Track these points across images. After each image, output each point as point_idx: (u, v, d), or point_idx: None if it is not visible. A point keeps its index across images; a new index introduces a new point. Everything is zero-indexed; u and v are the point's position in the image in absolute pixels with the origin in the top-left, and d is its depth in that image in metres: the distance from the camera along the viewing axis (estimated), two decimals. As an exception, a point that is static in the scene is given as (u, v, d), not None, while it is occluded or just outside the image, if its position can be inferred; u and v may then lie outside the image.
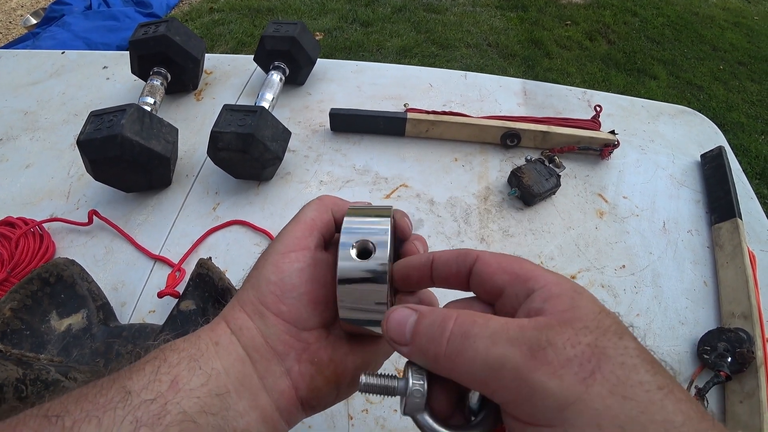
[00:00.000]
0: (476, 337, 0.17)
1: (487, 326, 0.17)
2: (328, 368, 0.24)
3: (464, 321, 0.18)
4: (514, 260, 0.21)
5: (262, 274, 0.24)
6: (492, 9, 2.61)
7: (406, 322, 0.19)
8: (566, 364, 0.16)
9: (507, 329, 0.17)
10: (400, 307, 0.20)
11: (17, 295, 0.43)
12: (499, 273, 0.20)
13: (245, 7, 2.42)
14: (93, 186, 0.58)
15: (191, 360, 0.21)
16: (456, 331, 0.18)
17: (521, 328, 0.17)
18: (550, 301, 0.18)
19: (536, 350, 0.16)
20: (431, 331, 0.19)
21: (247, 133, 0.51)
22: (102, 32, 2.07)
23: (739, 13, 2.94)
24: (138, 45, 0.63)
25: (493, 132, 0.62)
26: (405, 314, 0.20)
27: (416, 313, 0.20)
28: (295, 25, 0.66)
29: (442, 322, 0.18)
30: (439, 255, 0.23)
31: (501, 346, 0.17)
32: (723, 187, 0.59)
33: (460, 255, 0.22)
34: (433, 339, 0.18)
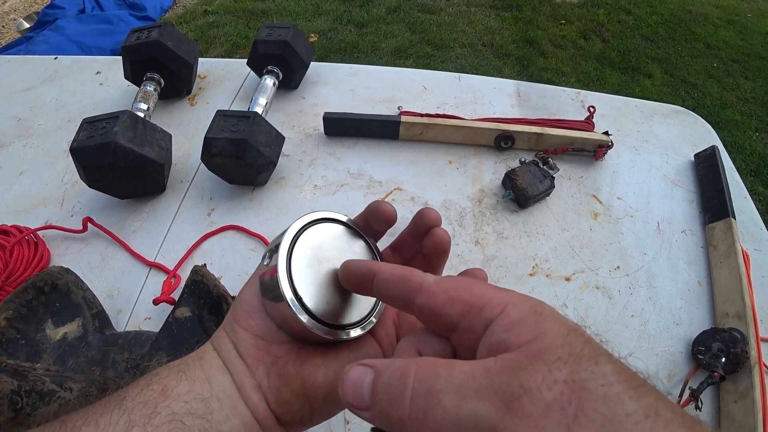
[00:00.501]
0: (441, 394, 0.15)
1: (452, 378, 0.15)
2: (295, 381, 0.23)
3: (425, 375, 0.16)
4: (461, 286, 0.18)
5: (238, 296, 0.26)
6: (486, 9, 2.61)
7: (363, 382, 0.17)
8: (546, 413, 0.14)
9: (474, 378, 0.15)
10: (355, 366, 0.18)
11: (12, 304, 0.43)
12: (448, 305, 0.18)
13: (240, 10, 2.42)
14: (87, 193, 0.58)
15: (179, 372, 0.23)
16: (418, 389, 0.16)
17: (488, 374, 0.15)
18: (512, 330, 0.16)
19: (510, 401, 0.14)
20: (390, 390, 0.16)
21: (241, 138, 0.51)
22: (96, 36, 2.06)
23: (732, 10, 2.95)
24: (131, 50, 0.62)
25: (487, 134, 0.62)
26: (360, 373, 0.17)
27: (372, 371, 0.17)
28: (288, 29, 0.66)
29: (400, 379, 0.16)
30: (380, 269, 0.21)
31: (471, 401, 0.15)
32: (716, 187, 0.59)
33: (402, 278, 0.20)
34: (394, 400, 0.16)
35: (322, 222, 0.25)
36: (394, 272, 0.20)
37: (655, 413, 0.14)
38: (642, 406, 0.14)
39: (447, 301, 0.18)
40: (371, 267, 0.21)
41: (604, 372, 0.14)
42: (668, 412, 0.14)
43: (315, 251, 0.24)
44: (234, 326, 0.25)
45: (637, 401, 0.14)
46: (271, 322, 0.24)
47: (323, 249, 0.24)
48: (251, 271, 0.27)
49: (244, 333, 0.24)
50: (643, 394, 0.14)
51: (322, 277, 0.24)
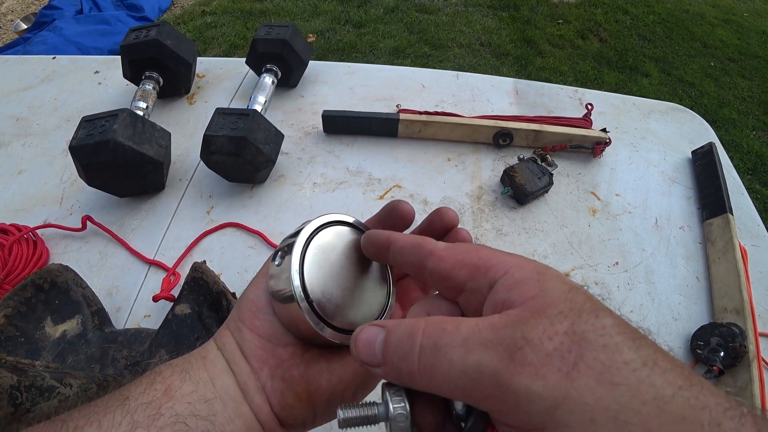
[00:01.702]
0: (448, 347, 0.16)
1: (458, 332, 0.16)
2: (299, 385, 0.23)
3: (432, 331, 0.17)
4: (470, 250, 0.19)
5: (244, 296, 0.26)
6: (484, 9, 2.62)
7: (375, 340, 0.18)
8: (547, 361, 0.14)
9: (479, 332, 0.16)
10: (367, 326, 0.19)
11: (11, 302, 0.43)
12: (457, 268, 0.19)
13: (237, 10, 2.42)
14: (86, 191, 0.58)
15: (182, 371, 0.23)
16: (426, 344, 0.16)
17: (493, 327, 0.16)
18: (515, 288, 0.17)
19: (513, 351, 0.15)
20: (400, 347, 0.17)
21: (240, 136, 0.51)
22: (94, 36, 2.06)
23: (728, 10, 2.97)
24: (129, 49, 0.62)
25: (486, 131, 0.62)
26: (372, 333, 0.18)
27: (383, 330, 0.18)
28: (286, 28, 0.66)
29: (410, 336, 0.17)
30: (396, 239, 0.22)
31: (476, 353, 0.15)
32: (714, 183, 0.60)
33: (415, 246, 0.21)
34: (404, 355, 0.17)
35: (334, 225, 0.25)
36: (408, 240, 0.21)
37: (653, 363, 0.14)
38: (640, 356, 0.14)
39: (455, 264, 0.19)
40: (389, 236, 0.23)
41: (604, 324, 0.15)
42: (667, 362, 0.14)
43: (327, 254, 0.24)
44: (239, 326, 0.24)
45: (636, 351, 0.14)
46: (278, 323, 0.24)
47: (335, 252, 0.24)
48: (251, 268, 0.27)
49: (249, 333, 0.24)
50: (642, 346, 0.15)
51: (332, 281, 0.23)
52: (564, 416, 0.14)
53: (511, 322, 0.16)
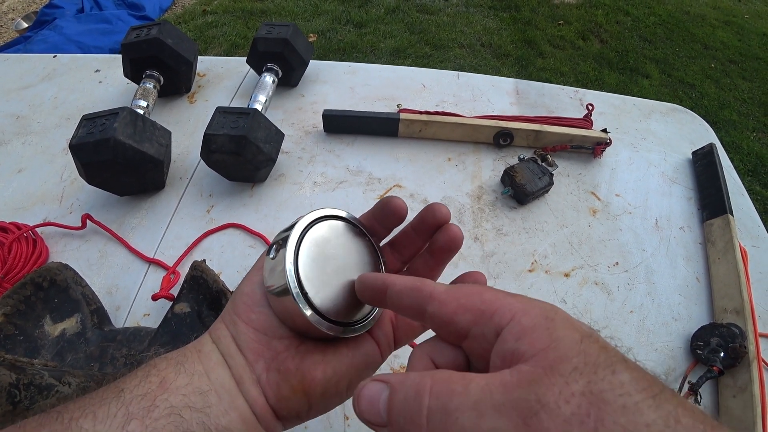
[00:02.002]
0: (458, 411, 0.15)
1: (468, 394, 0.15)
2: (294, 378, 0.23)
3: (441, 392, 0.16)
4: (472, 293, 0.18)
5: (239, 288, 0.26)
6: (485, 9, 2.62)
7: (379, 398, 0.17)
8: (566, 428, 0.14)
9: (491, 394, 0.15)
10: (370, 382, 0.18)
11: (10, 300, 0.43)
12: (459, 312, 0.18)
13: (238, 10, 2.42)
14: (86, 190, 0.58)
15: (177, 364, 0.23)
16: (434, 407, 0.16)
17: (505, 388, 0.15)
18: (524, 338, 0.16)
19: (529, 417, 0.14)
20: (407, 408, 0.16)
21: (240, 135, 0.51)
22: (94, 35, 2.06)
23: (729, 11, 2.97)
24: (130, 48, 0.62)
25: (486, 131, 0.62)
26: (376, 390, 0.17)
27: (388, 387, 0.17)
28: (287, 27, 0.66)
29: (416, 397, 0.16)
30: (392, 282, 0.21)
31: (489, 418, 0.15)
32: (714, 184, 0.60)
33: (413, 289, 0.20)
34: (411, 418, 0.16)
35: (328, 219, 0.26)
36: (406, 284, 0.20)
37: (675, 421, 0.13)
38: (662, 415, 0.14)
39: (457, 309, 0.18)
40: (384, 280, 0.21)
41: (622, 381, 0.14)
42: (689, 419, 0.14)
43: (321, 248, 0.24)
44: (234, 319, 0.25)
45: (656, 410, 0.14)
46: (273, 316, 0.24)
47: (329, 246, 0.25)
48: (250, 268, 0.27)
49: (244, 326, 0.24)
50: (663, 402, 0.14)
51: (326, 274, 0.24)
52: None
53: (524, 381, 0.15)
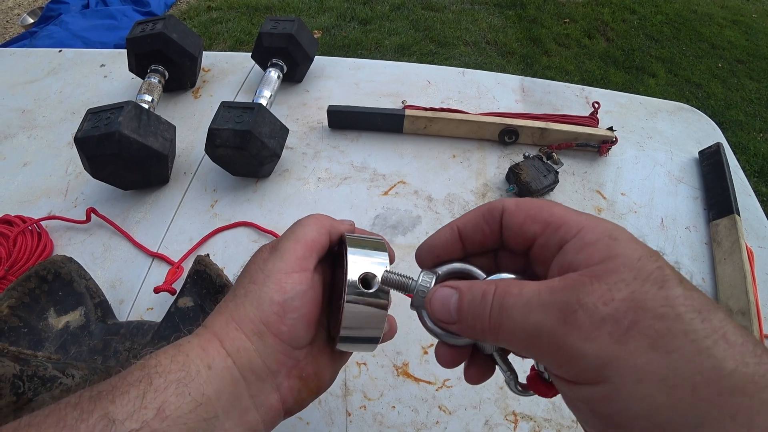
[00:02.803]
0: (512, 308, 0.18)
1: (521, 295, 0.18)
2: (312, 381, 0.25)
3: (501, 293, 0.18)
4: (542, 206, 0.20)
5: (264, 293, 0.23)
6: (490, 7, 2.61)
7: (449, 301, 0.20)
8: (599, 325, 0.15)
9: (539, 295, 0.17)
10: (441, 287, 0.21)
11: (15, 292, 0.43)
12: (528, 222, 0.20)
13: (243, 6, 2.42)
14: (91, 184, 0.58)
15: (179, 384, 0.20)
16: (495, 305, 0.18)
17: (552, 291, 0.17)
18: (583, 251, 0.17)
19: (567, 314, 0.16)
20: (473, 308, 0.19)
21: (245, 130, 0.51)
22: (100, 31, 2.06)
23: (737, 11, 2.94)
24: (135, 43, 0.62)
25: (491, 129, 0.62)
26: (447, 294, 0.20)
27: (457, 292, 0.20)
28: (292, 22, 0.65)
29: (482, 298, 0.19)
30: (463, 222, 0.23)
31: (535, 314, 0.17)
32: (721, 184, 0.59)
33: (486, 214, 0.22)
34: (477, 315, 0.19)
35: None
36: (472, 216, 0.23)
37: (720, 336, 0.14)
38: (705, 327, 0.14)
39: (526, 219, 0.20)
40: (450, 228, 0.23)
41: (668, 295, 0.15)
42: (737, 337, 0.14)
43: None
44: (262, 330, 0.23)
45: (701, 323, 0.14)
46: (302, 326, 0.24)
47: None
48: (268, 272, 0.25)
49: (273, 339, 0.23)
50: (709, 319, 0.15)
51: None
52: (611, 374, 0.15)
53: (569, 286, 0.16)
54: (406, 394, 0.42)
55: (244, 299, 0.23)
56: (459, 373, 0.44)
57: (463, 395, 0.42)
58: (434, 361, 0.43)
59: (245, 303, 0.23)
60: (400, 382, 0.43)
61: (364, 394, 0.42)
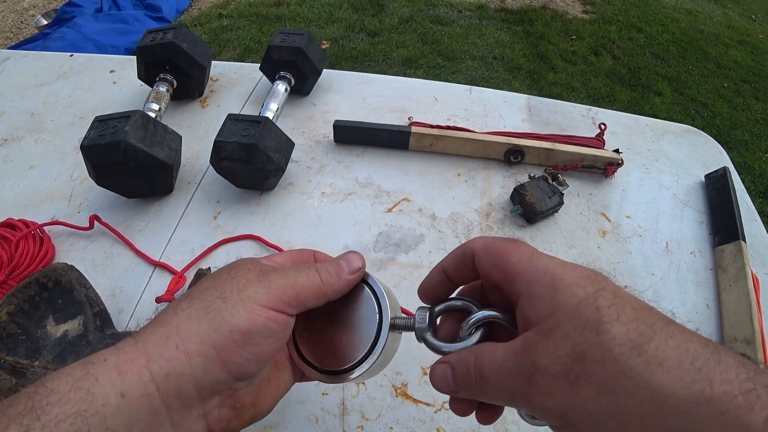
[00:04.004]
0: (489, 378, 0.21)
1: (494, 363, 0.21)
2: (248, 411, 0.24)
3: (479, 365, 0.21)
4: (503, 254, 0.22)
5: (231, 316, 0.21)
6: (498, 22, 2.63)
7: (446, 375, 0.23)
8: (553, 383, 0.18)
9: (506, 361, 0.20)
10: (436, 365, 0.24)
11: (15, 299, 0.43)
12: (492, 270, 0.23)
13: (253, 14, 2.44)
14: (95, 190, 0.58)
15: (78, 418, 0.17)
16: (476, 375, 0.21)
17: (515, 356, 0.20)
18: (533, 306, 0.20)
19: (528, 376, 0.19)
20: (463, 379, 0.22)
21: (251, 143, 0.51)
22: (111, 35, 2.09)
23: (743, 31, 2.96)
24: (145, 51, 0.63)
25: (497, 148, 0.62)
26: (442, 370, 0.23)
27: (449, 367, 0.23)
28: (302, 36, 0.66)
29: (467, 370, 0.22)
30: (447, 264, 0.26)
31: (506, 381, 0.20)
32: (727, 209, 0.59)
33: (460, 256, 0.25)
34: (467, 384, 0.22)
35: None
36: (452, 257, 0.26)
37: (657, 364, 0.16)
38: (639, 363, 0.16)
39: (490, 267, 0.23)
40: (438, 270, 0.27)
41: (603, 340, 0.17)
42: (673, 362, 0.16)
43: None
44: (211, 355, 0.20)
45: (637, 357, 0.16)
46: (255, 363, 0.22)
47: None
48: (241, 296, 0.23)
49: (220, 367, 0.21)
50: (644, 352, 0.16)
51: None
52: (573, 420, 0.18)
53: (526, 349, 0.19)
54: (404, 415, 0.42)
55: (203, 315, 0.21)
56: (458, 396, 0.44)
57: (461, 418, 0.42)
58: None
59: (203, 319, 0.21)
60: (399, 402, 0.42)
61: (361, 414, 0.42)
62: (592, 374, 0.17)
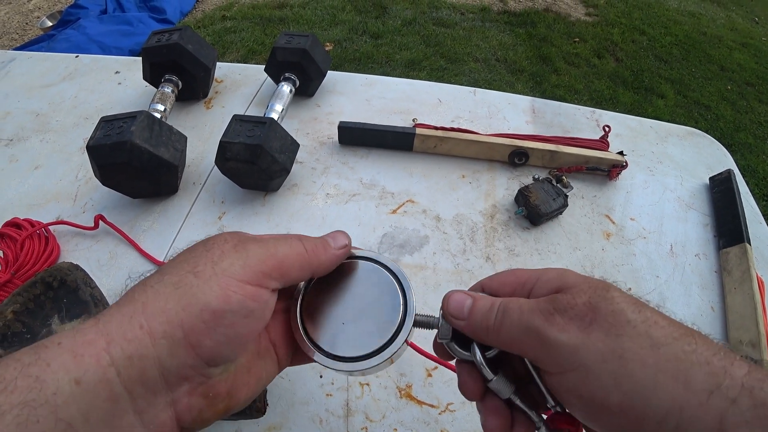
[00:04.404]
0: (512, 311, 0.23)
1: (518, 303, 0.23)
2: (221, 401, 0.21)
3: (504, 304, 0.24)
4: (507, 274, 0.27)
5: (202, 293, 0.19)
6: (501, 24, 2.63)
7: (464, 303, 0.25)
8: (569, 322, 0.21)
9: (528, 304, 0.23)
10: (457, 292, 0.26)
11: (20, 297, 0.43)
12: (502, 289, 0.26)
13: (257, 16, 2.45)
14: (100, 190, 0.58)
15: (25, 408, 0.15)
16: (500, 308, 0.24)
17: (537, 303, 0.23)
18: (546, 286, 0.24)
19: (548, 316, 0.21)
20: (483, 311, 0.24)
21: (256, 144, 0.51)
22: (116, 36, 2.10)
23: (747, 33, 2.95)
24: (151, 52, 0.63)
25: (502, 150, 0.62)
26: (463, 297, 0.25)
27: (471, 298, 0.25)
28: (306, 38, 0.66)
29: (491, 306, 0.24)
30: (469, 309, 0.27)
31: (527, 315, 0.22)
32: (731, 212, 0.59)
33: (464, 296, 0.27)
34: (485, 316, 0.24)
35: None
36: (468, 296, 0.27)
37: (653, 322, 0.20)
38: (641, 317, 0.20)
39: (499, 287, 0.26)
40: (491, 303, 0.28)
41: (613, 296, 0.21)
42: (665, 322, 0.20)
43: None
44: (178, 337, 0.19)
45: (637, 314, 0.20)
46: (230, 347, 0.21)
47: None
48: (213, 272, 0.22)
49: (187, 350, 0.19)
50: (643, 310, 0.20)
51: None
52: (582, 356, 0.20)
53: (547, 299, 0.22)
54: (408, 417, 0.42)
55: (172, 290, 0.19)
56: (462, 398, 0.44)
57: (465, 419, 0.42)
58: (438, 384, 0.43)
59: (171, 295, 0.19)
60: (403, 404, 0.42)
61: (366, 415, 0.42)
62: (604, 320, 0.20)
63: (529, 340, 0.22)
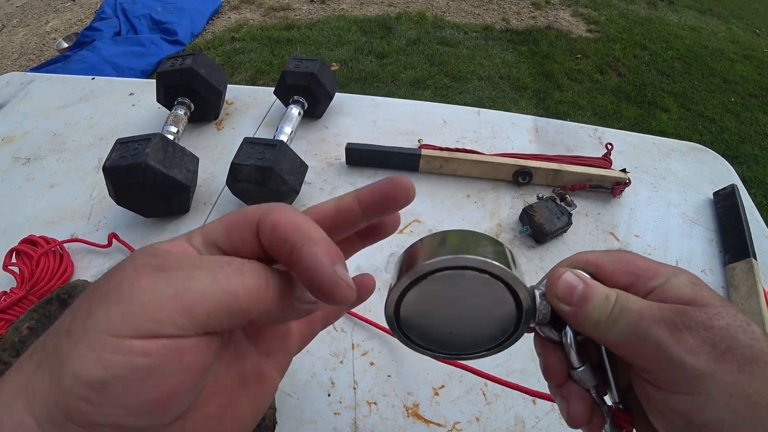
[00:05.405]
0: (630, 312, 0.21)
1: (639, 305, 0.21)
2: None
3: (622, 298, 0.22)
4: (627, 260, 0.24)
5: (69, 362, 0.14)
6: (504, 42, 2.67)
7: (576, 288, 0.23)
8: (701, 345, 0.19)
9: (650, 309, 0.20)
10: (570, 272, 0.23)
11: (35, 314, 0.44)
12: (617, 274, 0.23)
13: (265, 38, 2.51)
14: (114, 209, 0.60)
15: None
16: (618, 304, 0.21)
17: (660, 309, 0.20)
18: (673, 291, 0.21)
19: (674, 329, 0.19)
20: (597, 302, 0.22)
21: (266, 166, 0.52)
22: (129, 57, 2.16)
23: (748, 46, 2.97)
24: (165, 76, 0.66)
25: (506, 169, 0.63)
26: (575, 280, 0.23)
27: (583, 283, 0.23)
28: (314, 61, 0.68)
29: (606, 297, 0.22)
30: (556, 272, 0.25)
31: (647, 322, 0.20)
32: (736, 227, 0.59)
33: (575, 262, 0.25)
34: (598, 309, 0.22)
35: None
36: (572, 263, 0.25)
37: None
38: None
39: (616, 272, 0.23)
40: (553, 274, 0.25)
41: (754, 331, 0.19)
42: None
43: None
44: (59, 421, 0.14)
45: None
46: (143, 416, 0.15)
47: None
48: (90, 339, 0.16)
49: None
50: None
51: None
52: (707, 386, 0.18)
53: (675, 309, 0.20)
54: (415, 436, 0.42)
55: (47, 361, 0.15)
56: (470, 417, 0.44)
57: (473, 439, 0.42)
58: (445, 402, 0.43)
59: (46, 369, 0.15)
60: (410, 423, 0.43)
61: (379, 415, 0.42)
62: (741, 353, 0.18)
63: (644, 350, 0.20)
